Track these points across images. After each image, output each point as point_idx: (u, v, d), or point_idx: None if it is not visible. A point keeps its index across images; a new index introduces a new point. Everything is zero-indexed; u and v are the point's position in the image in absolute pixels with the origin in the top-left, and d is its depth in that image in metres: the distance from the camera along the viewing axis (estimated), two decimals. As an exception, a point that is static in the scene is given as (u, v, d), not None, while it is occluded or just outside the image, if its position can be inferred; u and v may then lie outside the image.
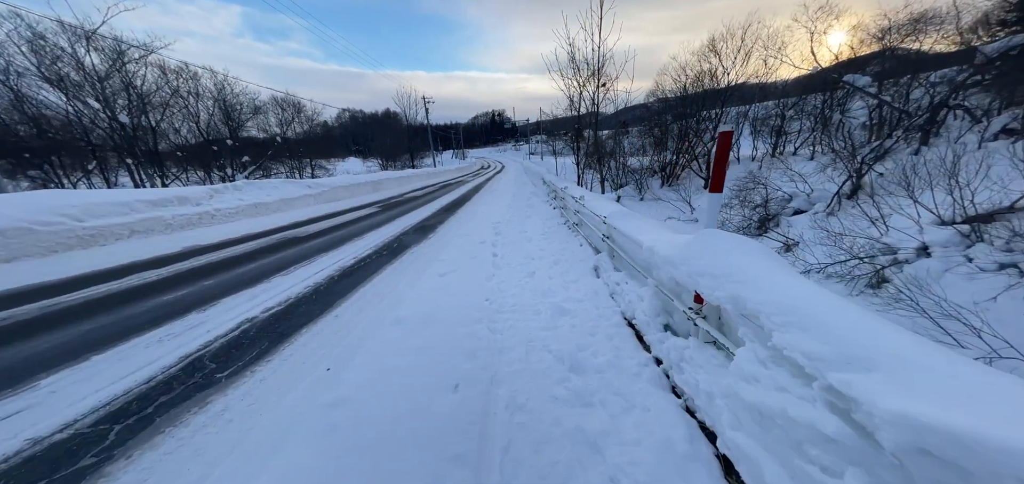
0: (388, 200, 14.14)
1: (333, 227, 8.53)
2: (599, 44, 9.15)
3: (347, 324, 3.46)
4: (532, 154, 60.14)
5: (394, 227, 8.55)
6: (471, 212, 10.50)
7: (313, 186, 12.83)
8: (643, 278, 2.98)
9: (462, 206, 12.07)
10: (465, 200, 13.76)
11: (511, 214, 8.74)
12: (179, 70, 22.12)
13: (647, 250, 2.63)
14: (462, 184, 21.50)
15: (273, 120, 29.36)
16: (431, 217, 9.94)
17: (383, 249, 6.52)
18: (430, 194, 16.32)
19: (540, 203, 10.36)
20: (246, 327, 3.43)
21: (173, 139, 22.51)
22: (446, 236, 7.31)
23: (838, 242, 8.11)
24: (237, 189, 9.70)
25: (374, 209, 11.74)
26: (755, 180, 14.12)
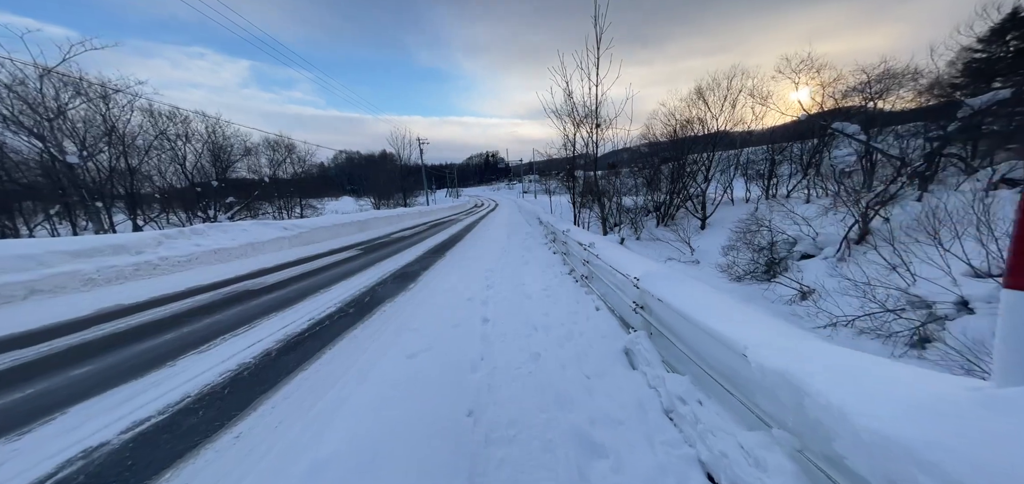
0: (372, 241, 12.90)
1: (300, 275, 7.20)
2: (597, 83, 8.42)
3: (233, 467, 2.11)
4: (525, 193, 60.13)
5: (371, 274, 7.26)
6: (461, 255, 9.28)
7: (290, 228, 11.57)
8: (731, 397, 1.69)
9: (452, 248, 10.87)
10: (455, 241, 12.58)
11: (505, 260, 7.53)
12: (171, 114, 21.40)
13: (788, 385, 1.28)
14: (454, 223, 20.44)
15: (265, 161, 28.54)
16: (415, 261, 8.68)
17: (350, 306, 5.21)
18: (419, 234, 15.15)
19: (538, 246, 9.21)
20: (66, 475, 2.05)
21: (157, 181, 21.36)
22: (429, 288, 6.03)
23: (865, 292, 7.00)
24: (196, 233, 8.39)
25: (355, 252, 10.47)
26: (758, 222, 13.28)
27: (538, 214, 16.02)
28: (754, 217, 13.38)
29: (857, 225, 11.25)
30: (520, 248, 9.04)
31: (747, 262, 12.58)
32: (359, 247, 11.49)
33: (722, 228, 18.37)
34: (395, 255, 9.86)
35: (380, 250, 10.85)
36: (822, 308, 7.22)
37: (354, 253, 10.33)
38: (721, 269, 13.07)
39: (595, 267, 4.41)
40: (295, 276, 7.18)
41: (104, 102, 17.13)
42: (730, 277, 12.67)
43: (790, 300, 9.59)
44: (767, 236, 12.89)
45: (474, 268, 6.95)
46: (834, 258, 11.08)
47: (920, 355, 5.75)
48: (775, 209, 14.14)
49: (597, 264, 4.21)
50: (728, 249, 13.01)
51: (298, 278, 7.02)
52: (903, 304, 6.83)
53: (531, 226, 15.35)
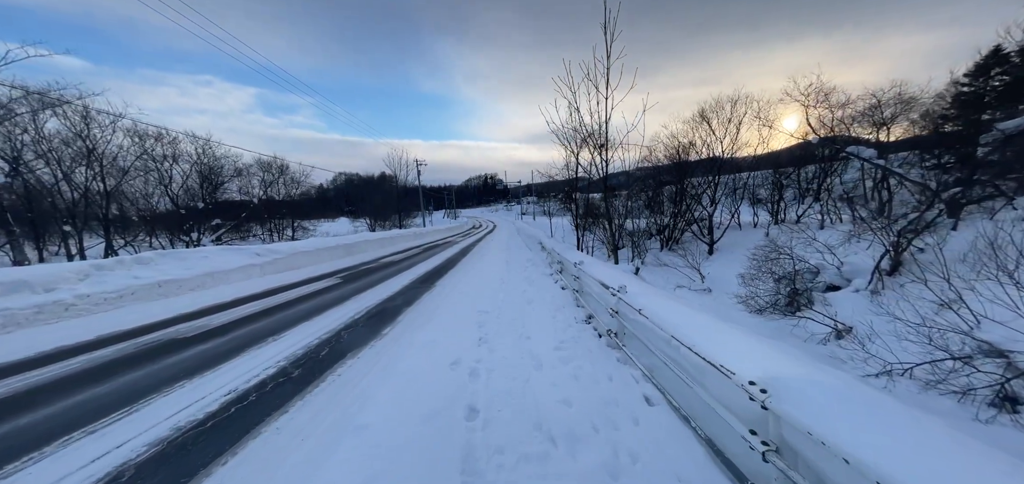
0: (357, 267, 11.49)
1: (256, 314, 5.77)
2: (607, 95, 7.28)
3: None
4: (524, 214, 59.15)
5: (341, 313, 5.85)
6: (451, 286, 7.89)
7: (264, 253, 10.18)
8: None
9: (443, 276, 9.48)
10: (448, 268, 11.19)
11: (504, 297, 6.14)
12: (158, 135, 20.28)
13: None
14: (449, 245, 19.08)
15: (257, 183, 27.35)
16: (399, 295, 7.28)
17: (297, 365, 3.79)
18: (410, 258, 13.77)
19: (541, 277, 7.84)
20: None
21: (141, 204, 20.01)
22: (405, 337, 4.62)
23: (919, 333, 5.71)
24: (140, 263, 6.99)
25: (334, 281, 9.05)
26: (777, 250, 12.04)
27: (540, 238, 14.67)
28: (773, 244, 12.14)
29: (888, 255, 10.04)
30: (521, 280, 7.65)
31: (768, 293, 11.28)
32: (341, 274, 10.08)
33: (731, 253, 17.10)
34: (378, 284, 8.46)
35: (363, 278, 9.45)
36: (871, 353, 5.92)
37: (333, 282, 8.92)
38: (739, 300, 11.73)
39: (632, 323, 3.05)
40: (249, 315, 5.75)
41: (85, 121, 16.02)
42: (749, 309, 11.35)
43: (825, 339, 8.22)
44: (787, 264, 11.62)
45: (465, 309, 5.55)
46: (866, 290, 9.80)
47: (1013, 420, 4.38)
48: (795, 235, 12.93)
49: (637, 321, 2.84)
50: (750, 279, 11.68)
51: (252, 317, 5.59)
52: (970, 351, 5.54)
53: (532, 251, 13.97)
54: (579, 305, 5.00)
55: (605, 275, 4.09)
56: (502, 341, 3.90)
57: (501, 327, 4.36)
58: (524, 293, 6.11)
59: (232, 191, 26.12)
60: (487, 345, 3.81)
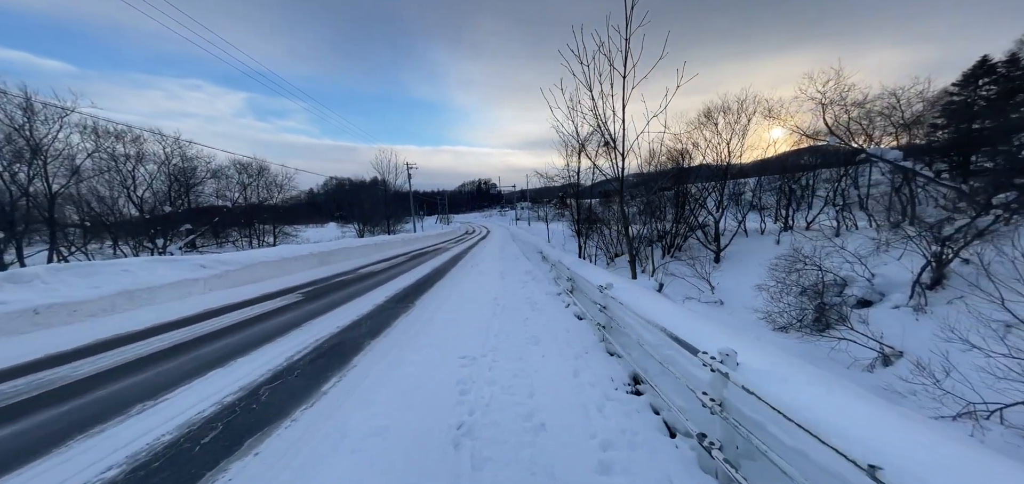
0: (328, 280, 9.72)
1: (148, 357, 4.00)
2: (625, 73, 5.70)
3: None
4: (518, 220, 57.63)
5: (278, 350, 4.13)
6: (433, 308, 6.21)
7: (211, 265, 8.36)
8: None
9: (425, 293, 7.79)
10: (434, 280, 9.50)
11: (500, 329, 4.45)
12: (120, 133, 18.21)
13: None
14: (439, 253, 17.34)
15: (236, 186, 25.27)
16: (366, 319, 5.57)
17: (143, 469, 2.09)
18: (394, 268, 12.02)
19: (547, 298, 6.16)
20: None
21: (99, 209, 17.87)
22: (347, 405, 2.95)
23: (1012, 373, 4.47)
24: (12, 280, 5.16)
25: (293, 298, 7.30)
26: (802, 259, 10.61)
27: (540, 247, 12.95)
28: (797, 253, 10.72)
29: (929, 267, 8.67)
30: (521, 301, 5.95)
31: (791, 307, 9.84)
32: (306, 289, 8.32)
33: (742, 262, 15.66)
34: (346, 304, 6.74)
35: (331, 294, 7.70)
36: (945, 393, 4.68)
37: (292, 299, 7.16)
38: (760, 316, 10.24)
39: (754, 425, 1.46)
40: (139, 358, 3.98)
41: (26, 115, 13.96)
42: (772, 326, 9.86)
43: (870, 365, 6.83)
44: (813, 276, 10.19)
45: (443, 352, 3.89)
46: (908, 306, 8.37)
47: None
48: (817, 243, 11.54)
49: (768, 431, 1.27)
50: (777, 292, 10.20)
51: (139, 364, 3.83)
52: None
53: (531, 261, 12.27)
54: (613, 352, 3.33)
55: (657, 312, 2.48)
56: (497, 430, 2.23)
57: (495, 396, 2.68)
58: (526, 324, 4.44)
59: (209, 195, 24.05)
60: (471, 443, 2.14)
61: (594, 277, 4.24)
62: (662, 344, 2.34)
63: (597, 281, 3.78)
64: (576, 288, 5.21)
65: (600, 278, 4.08)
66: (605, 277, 4.27)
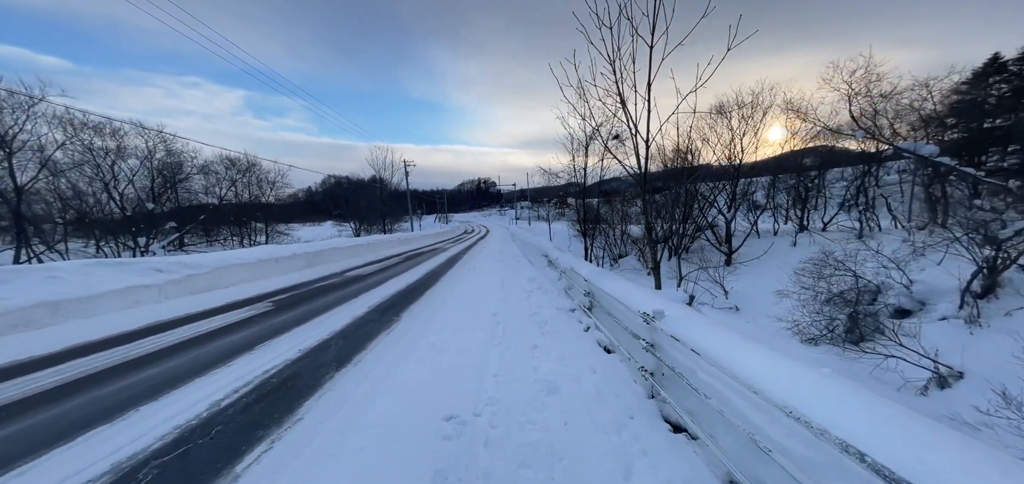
0: (310, 285, 8.62)
1: (25, 400, 2.91)
2: (652, 43, 4.58)
3: None
4: (517, 219, 56.50)
5: (200, 392, 3.02)
6: (421, 325, 5.11)
7: (171, 268, 7.24)
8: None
9: (414, 302, 6.68)
10: (427, 286, 8.40)
11: (501, 366, 3.33)
12: (99, 126, 16.99)
13: None
14: (435, 254, 16.23)
15: (226, 184, 24.05)
16: (336, 339, 4.47)
17: None
18: (384, 270, 10.92)
19: (556, 314, 5.02)
20: None
21: (77, 205, 16.68)
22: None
23: None
24: None
25: (263, 308, 6.19)
26: (832, 263, 9.58)
27: (544, 248, 11.76)
28: (827, 256, 9.65)
29: (981, 273, 7.62)
30: (528, 320, 4.83)
31: (815, 317, 8.82)
32: (280, 297, 7.21)
33: (757, 266, 14.61)
34: (321, 316, 5.64)
35: (308, 302, 6.60)
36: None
37: (259, 311, 6.05)
38: (785, 325, 9.17)
39: None
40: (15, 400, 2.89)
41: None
42: (800, 337, 8.80)
43: (924, 387, 5.80)
44: (844, 281, 9.15)
45: (422, 409, 2.80)
46: (957, 318, 7.30)
47: None
48: (848, 246, 10.49)
49: None
50: (804, 299, 9.14)
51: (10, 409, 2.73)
52: None
53: (534, 266, 11.11)
54: (677, 423, 2.15)
55: (768, 375, 1.40)
56: None
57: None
58: (536, 356, 3.31)
59: (197, 192, 22.85)
60: None
61: (624, 293, 3.16)
62: (788, 433, 1.26)
63: (635, 304, 2.69)
64: (596, 304, 4.12)
65: (634, 297, 3.00)
66: (637, 294, 3.18)
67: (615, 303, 3.22)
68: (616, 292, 3.21)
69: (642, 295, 3.06)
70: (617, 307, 3.16)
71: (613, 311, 3.36)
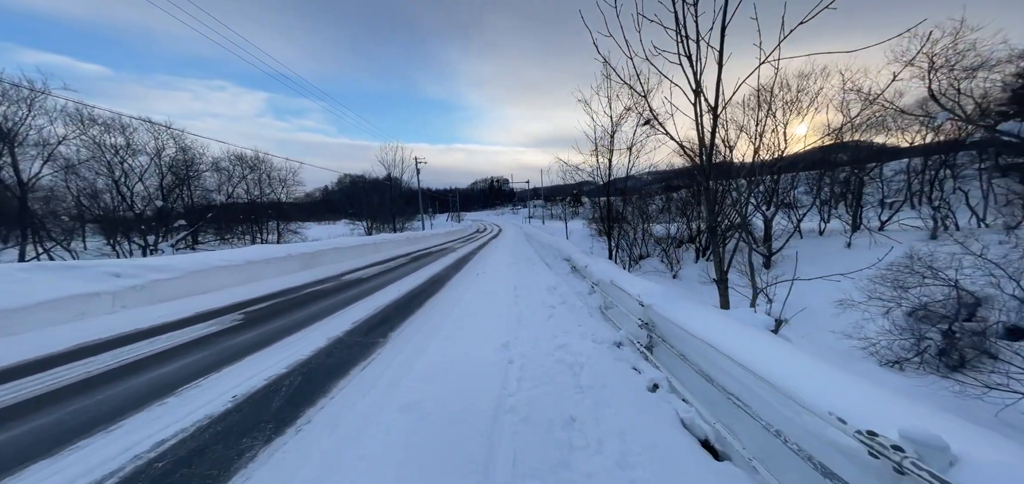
0: (298, 292, 7.45)
1: None
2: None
3: None
4: (531, 218, 54.96)
5: (98, 455, 1.78)
6: (407, 359, 3.78)
7: (131, 272, 6.16)
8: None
9: (407, 320, 5.36)
10: (428, 294, 7.08)
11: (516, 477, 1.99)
12: (109, 123, 16.52)
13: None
14: (444, 254, 14.98)
15: (238, 181, 23.52)
16: (293, 375, 3.19)
17: None
18: (388, 272, 9.70)
19: (594, 350, 3.47)
20: None
21: (86, 202, 16.27)
22: None
23: None
24: None
25: (229, 322, 5.00)
26: (919, 269, 7.82)
27: (565, 250, 10.17)
28: (917, 259, 7.83)
29: None
30: (556, 364, 3.35)
31: (899, 333, 7.13)
32: (257, 308, 6.04)
33: (801, 269, 12.79)
34: (290, 336, 4.38)
35: (283, 317, 5.37)
36: None
37: (224, 325, 4.87)
38: (859, 345, 7.47)
39: None
40: None
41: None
42: (877, 359, 7.10)
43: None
44: (929, 292, 7.39)
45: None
46: None
47: None
48: (948, 250, 8.64)
49: None
50: (843, 303, 7.42)
51: None
52: None
53: (555, 271, 9.58)
54: None
55: None
56: None
57: None
58: (573, 460, 1.88)
59: (210, 190, 22.38)
60: None
61: (708, 328, 1.71)
62: None
63: (736, 351, 1.22)
64: (658, 339, 2.66)
65: (725, 334, 1.53)
66: (719, 324, 1.72)
67: (696, 344, 1.78)
68: (696, 326, 1.80)
69: (724, 325, 1.62)
70: (701, 351, 1.72)
71: (692, 353, 1.91)
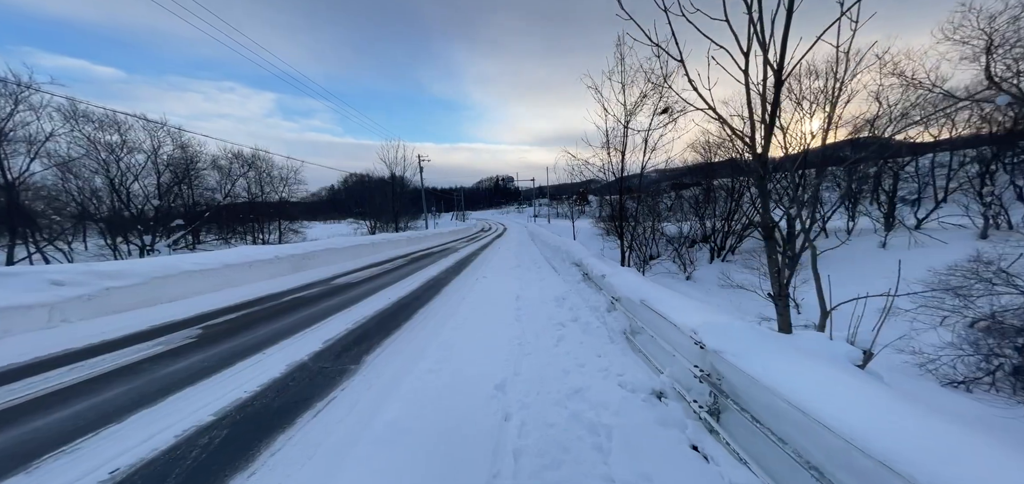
0: (277, 299, 6.59)
1: None
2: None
3: None
4: (536, 217, 53.90)
5: None
6: (370, 409, 2.87)
7: (77, 280, 5.34)
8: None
9: (392, 336, 4.45)
10: (421, 303, 6.17)
11: None
12: (104, 120, 15.95)
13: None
14: (445, 254, 14.09)
15: (241, 180, 22.91)
16: (232, 415, 2.31)
17: None
18: (379, 277, 8.82)
19: (624, 400, 2.37)
20: None
21: (79, 200, 15.74)
22: None
23: None
24: None
25: (179, 341, 4.14)
26: (985, 274, 6.67)
27: (574, 253, 9.14)
28: (984, 263, 6.69)
29: None
30: (580, 440, 2.48)
31: (966, 349, 6.04)
32: (221, 321, 5.18)
33: (832, 272, 11.62)
34: (245, 360, 3.50)
35: (249, 332, 4.50)
36: None
37: (175, 344, 4.01)
38: (913, 361, 6.37)
39: None
40: None
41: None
42: (936, 377, 6.02)
43: None
44: (993, 302, 6.27)
45: None
46: None
47: None
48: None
49: None
50: (895, 310, 6.35)
51: None
52: None
53: (562, 277, 8.60)
54: None
55: None
56: None
57: None
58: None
59: (212, 189, 21.80)
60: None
61: (840, 408, 0.79)
62: None
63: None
64: (730, 399, 1.70)
65: (861, 418, 0.62)
66: (810, 384, 0.75)
67: (794, 417, 0.83)
68: (796, 389, 0.89)
69: (827, 378, 0.69)
70: (804, 428, 0.78)
71: (792, 431, 0.96)
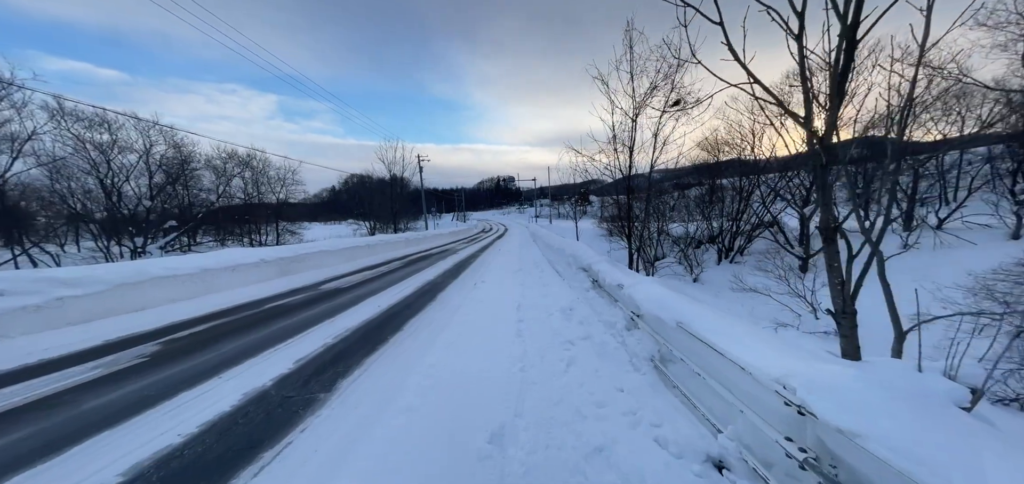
0: (257, 307, 5.98)
1: None
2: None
3: None
4: (537, 217, 53.23)
5: None
6: (333, 463, 2.27)
7: (20, 290, 4.74)
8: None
9: (375, 353, 3.83)
10: (412, 312, 5.54)
11: None
12: (93, 118, 15.40)
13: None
14: (445, 256, 13.47)
15: (237, 180, 22.34)
16: (177, 458, 1.69)
17: None
18: (372, 281, 8.20)
19: (668, 465, 1.96)
20: None
21: (70, 200, 15.20)
22: None
23: None
24: None
25: (128, 361, 3.51)
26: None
27: (580, 257, 8.45)
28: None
29: None
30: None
31: (1015, 361, 5.11)
32: (186, 335, 4.56)
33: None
34: (194, 389, 2.85)
35: (213, 349, 3.87)
36: None
37: (132, 361, 3.39)
38: (988, 391, 5.45)
39: None
40: None
41: None
42: (991, 397, 5.20)
43: None
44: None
45: None
46: None
47: None
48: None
49: None
50: (976, 332, 5.48)
51: None
52: None
53: (568, 283, 7.90)
54: None
55: None
56: None
57: None
58: None
59: (208, 190, 21.24)
60: None
61: None
62: None
63: None
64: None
65: None
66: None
67: None
68: None
69: None
70: None
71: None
